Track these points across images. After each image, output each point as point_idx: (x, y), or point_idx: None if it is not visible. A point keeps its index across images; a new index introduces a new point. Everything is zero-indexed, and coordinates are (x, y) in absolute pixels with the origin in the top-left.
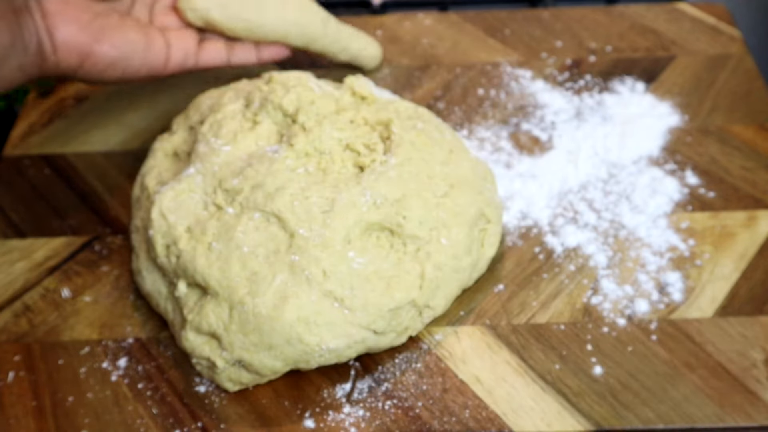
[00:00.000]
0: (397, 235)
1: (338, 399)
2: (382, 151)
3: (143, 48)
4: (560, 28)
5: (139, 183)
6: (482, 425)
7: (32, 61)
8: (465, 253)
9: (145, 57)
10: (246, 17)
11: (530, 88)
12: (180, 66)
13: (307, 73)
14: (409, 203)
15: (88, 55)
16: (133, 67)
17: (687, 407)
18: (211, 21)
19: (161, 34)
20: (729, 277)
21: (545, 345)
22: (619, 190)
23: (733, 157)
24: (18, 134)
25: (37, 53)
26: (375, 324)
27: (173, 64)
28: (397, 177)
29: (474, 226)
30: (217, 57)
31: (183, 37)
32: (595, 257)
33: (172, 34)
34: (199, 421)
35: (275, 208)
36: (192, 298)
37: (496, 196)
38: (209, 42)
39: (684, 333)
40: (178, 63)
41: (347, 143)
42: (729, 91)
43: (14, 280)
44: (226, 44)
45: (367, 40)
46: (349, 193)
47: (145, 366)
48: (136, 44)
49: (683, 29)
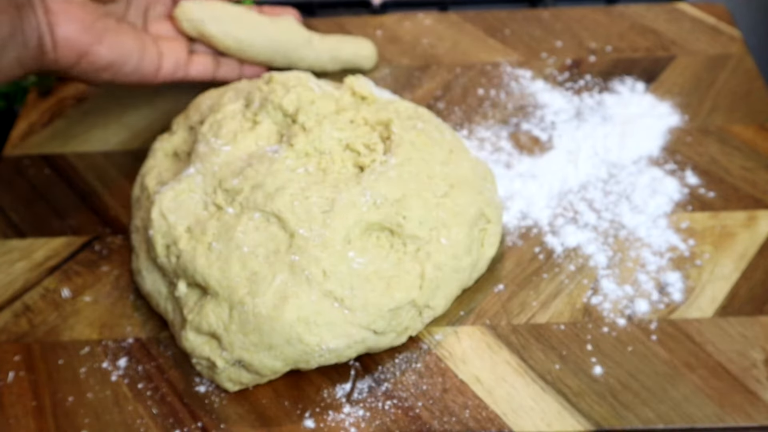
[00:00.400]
0: (397, 235)
1: (338, 399)
2: (382, 151)
3: (138, 54)
4: (560, 28)
5: (139, 183)
6: (482, 425)
7: (31, 55)
8: (465, 253)
9: (138, 63)
10: (236, 35)
11: (530, 88)
12: (170, 76)
13: (307, 73)
14: (409, 203)
15: (86, 55)
16: (125, 72)
17: (687, 407)
18: (205, 33)
19: (154, 42)
20: (729, 277)
21: (545, 345)
22: (619, 190)
23: (733, 157)
24: (18, 134)
25: (37, 48)
26: (375, 324)
27: (164, 73)
28: (397, 177)
29: (474, 226)
30: (204, 71)
31: (175, 48)
32: (595, 257)
33: (165, 44)
34: (199, 421)
35: (275, 208)
36: (192, 298)
37: (496, 196)
38: (198, 55)
39: (684, 333)
40: (168, 73)
41: (347, 143)
42: (729, 91)
43: (14, 280)
44: (214, 59)
45: (357, 43)
46: (349, 193)
47: (145, 366)
48: (132, 50)
49: (683, 29)
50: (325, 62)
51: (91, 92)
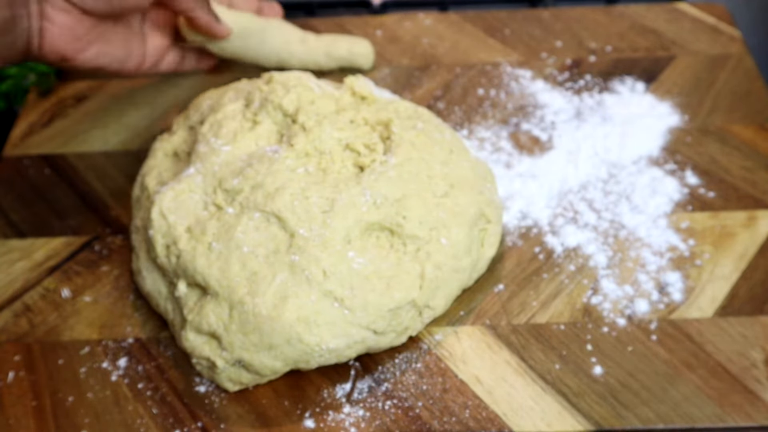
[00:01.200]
0: (397, 235)
1: (338, 399)
2: (382, 151)
3: (122, 59)
4: (560, 28)
5: (139, 183)
6: (482, 425)
7: (16, 52)
8: (465, 253)
9: (120, 66)
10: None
11: (530, 88)
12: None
13: (307, 73)
14: (409, 203)
15: (70, 60)
16: (106, 70)
17: (687, 407)
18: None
19: (142, 42)
20: (729, 277)
21: (545, 345)
22: (619, 190)
23: (733, 157)
24: (18, 134)
25: (23, 46)
26: (375, 324)
27: (143, 71)
28: (397, 177)
29: (474, 226)
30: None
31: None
32: (595, 257)
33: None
34: (199, 421)
35: (275, 208)
36: (192, 298)
37: (496, 196)
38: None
39: (684, 333)
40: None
41: (347, 143)
42: (729, 91)
43: (14, 280)
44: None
45: (352, 40)
46: (349, 193)
47: (145, 366)
48: (116, 56)
49: (683, 29)
50: (320, 59)
51: (91, 92)
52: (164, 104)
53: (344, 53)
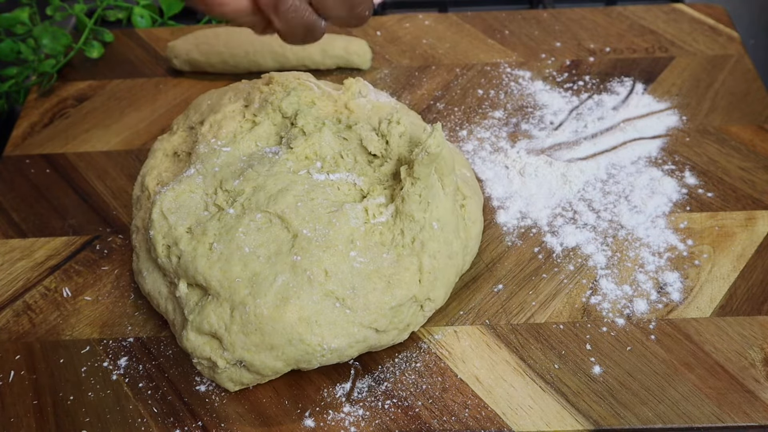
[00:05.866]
0: (399, 215)
1: (338, 398)
2: (380, 152)
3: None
4: (559, 28)
5: (140, 183)
6: (482, 425)
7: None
8: (455, 236)
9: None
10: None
11: (529, 89)
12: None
13: (306, 74)
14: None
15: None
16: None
17: (685, 406)
18: (194, 61)
19: None
20: (727, 277)
21: (544, 344)
22: (618, 190)
23: (731, 157)
24: (19, 134)
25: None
26: (377, 322)
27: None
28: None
29: (454, 201)
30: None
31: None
32: (594, 257)
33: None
34: (200, 420)
35: (278, 209)
36: (193, 298)
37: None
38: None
39: (682, 333)
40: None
41: (345, 149)
42: (727, 92)
43: (15, 280)
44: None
45: (348, 40)
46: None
47: (145, 365)
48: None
49: (682, 30)
50: (317, 57)
51: (91, 92)
52: (164, 104)
53: (340, 52)
